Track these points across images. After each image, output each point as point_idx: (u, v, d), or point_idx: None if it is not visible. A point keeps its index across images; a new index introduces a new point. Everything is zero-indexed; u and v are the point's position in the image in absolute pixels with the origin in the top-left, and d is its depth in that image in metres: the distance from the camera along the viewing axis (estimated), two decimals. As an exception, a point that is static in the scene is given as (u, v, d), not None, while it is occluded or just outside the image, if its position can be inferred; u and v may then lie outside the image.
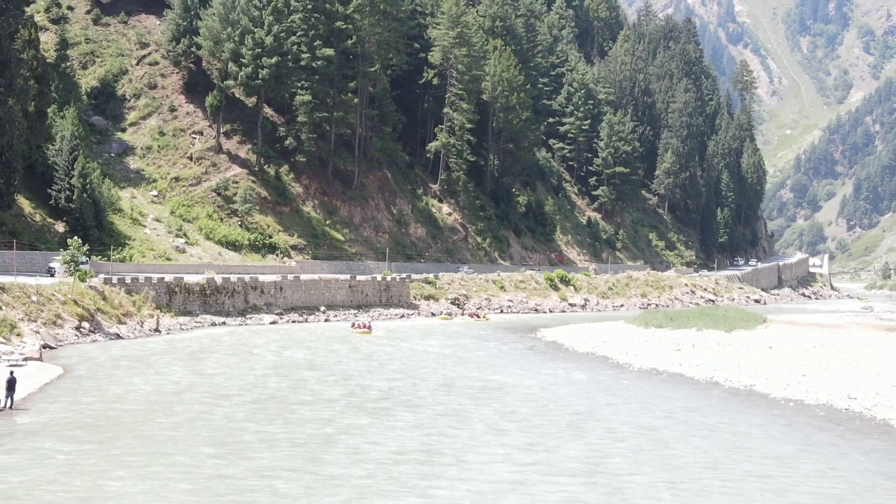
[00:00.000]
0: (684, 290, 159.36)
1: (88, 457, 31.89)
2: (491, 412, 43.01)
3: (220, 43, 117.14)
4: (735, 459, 34.61)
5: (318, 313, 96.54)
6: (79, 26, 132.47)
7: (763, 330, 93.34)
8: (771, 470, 32.98)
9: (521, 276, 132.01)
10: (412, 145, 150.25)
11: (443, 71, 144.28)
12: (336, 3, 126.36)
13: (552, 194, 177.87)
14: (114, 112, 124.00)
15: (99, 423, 37.36)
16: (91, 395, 43.44)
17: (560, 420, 41.60)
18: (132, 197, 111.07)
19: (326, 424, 39.48)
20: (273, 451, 33.98)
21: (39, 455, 31.70)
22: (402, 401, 46.23)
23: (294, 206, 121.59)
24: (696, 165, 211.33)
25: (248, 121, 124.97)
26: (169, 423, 38.35)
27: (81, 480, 28.90)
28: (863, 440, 38.15)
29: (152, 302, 79.86)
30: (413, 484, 30.22)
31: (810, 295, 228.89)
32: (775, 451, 36.24)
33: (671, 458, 34.87)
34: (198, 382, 49.41)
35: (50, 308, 65.45)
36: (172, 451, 33.29)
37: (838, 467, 33.61)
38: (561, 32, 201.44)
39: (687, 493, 29.69)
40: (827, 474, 32.62)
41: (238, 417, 40.18)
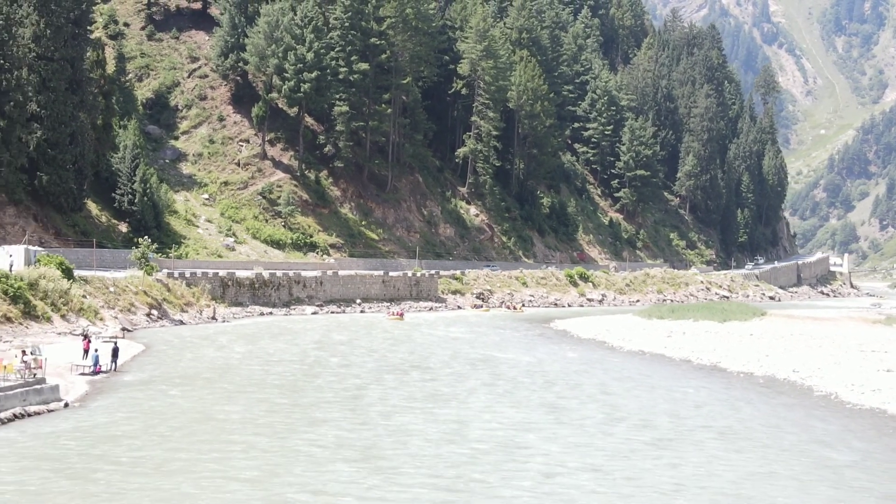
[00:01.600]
0: (699, 286, 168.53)
1: (187, 398, 43.21)
2: (486, 374, 54.22)
3: (265, 58, 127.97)
4: (659, 404, 45.24)
5: (354, 305, 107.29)
6: (134, 41, 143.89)
7: (757, 321, 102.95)
8: (684, 411, 43.42)
9: (542, 273, 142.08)
10: (442, 151, 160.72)
11: (471, 81, 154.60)
12: (371, 20, 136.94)
13: (576, 196, 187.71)
14: (167, 121, 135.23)
15: (186, 378, 48.60)
16: (174, 362, 54.55)
17: (539, 380, 52.80)
18: (185, 200, 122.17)
19: (357, 378, 51.75)
20: (319, 394, 45.89)
21: (150, 396, 42.90)
22: (416, 365, 58.13)
23: (332, 208, 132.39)
24: (717, 168, 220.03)
25: (290, 130, 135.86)
26: (240, 377, 49.97)
27: (188, 409, 40.24)
28: (777, 397, 48.16)
29: (208, 294, 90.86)
30: (420, 408, 42.71)
31: (829, 293, 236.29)
32: (696, 400, 46.81)
33: (611, 402, 46.21)
34: (257, 354, 60.56)
35: (125, 297, 76.60)
36: (247, 393, 44.86)
37: (741, 411, 43.85)
38: (586, 41, 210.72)
39: (614, 420, 40.67)
40: (725, 414, 42.88)
41: (291, 374, 51.65)
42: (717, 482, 30.45)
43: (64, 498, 26.35)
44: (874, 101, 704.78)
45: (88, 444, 32.60)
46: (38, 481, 27.73)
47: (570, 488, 29.37)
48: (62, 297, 67.66)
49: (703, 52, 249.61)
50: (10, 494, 25.96)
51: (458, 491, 28.83)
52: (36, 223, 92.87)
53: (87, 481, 27.84)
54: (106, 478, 28.42)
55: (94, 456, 31.06)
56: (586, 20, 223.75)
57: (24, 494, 26.33)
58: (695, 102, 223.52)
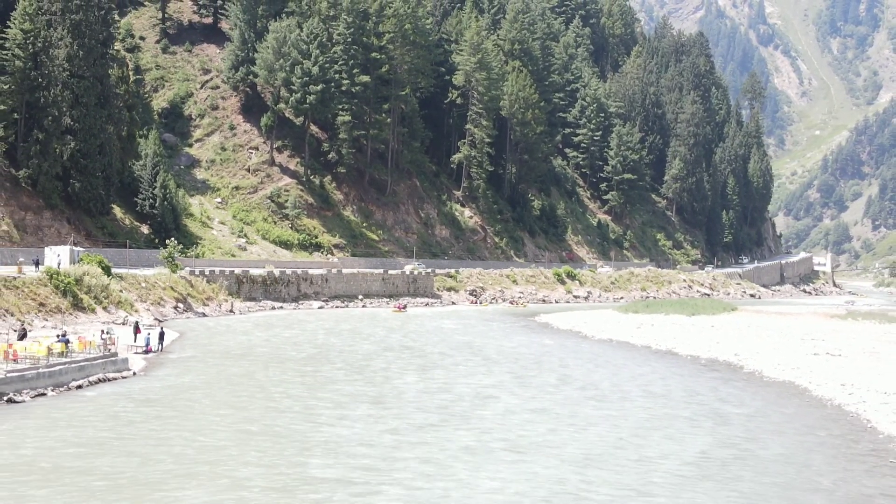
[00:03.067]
0: (682, 285, 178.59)
1: (229, 367, 53.55)
2: (469, 354, 64.70)
3: (273, 72, 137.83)
4: (606, 375, 55.69)
5: (356, 301, 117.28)
6: (150, 54, 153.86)
7: (725, 316, 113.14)
8: (623, 380, 53.67)
9: (531, 272, 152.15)
10: (438, 157, 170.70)
11: (465, 92, 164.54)
12: (372, 35, 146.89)
13: (565, 198, 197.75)
14: (182, 130, 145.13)
15: (223, 355, 59.24)
16: (208, 344, 64.81)
17: (512, 359, 63.46)
18: (200, 203, 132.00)
19: (362, 354, 62.65)
20: (333, 365, 57.12)
21: (198, 367, 53.20)
22: (410, 346, 68.40)
23: (336, 211, 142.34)
24: (703, 171, 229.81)
25: (296, 138, 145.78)
26: (267, 354, 60.79)
27: (233, 374, 50.94)
28: (708, 373, 58.16)
29: (226, 290, 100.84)
30: (414, 374, 54.47)
31: (811, 291, 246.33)
32: (638, 373, 57.26)
33: (567, 373, 56.92)
34: (276, 338, 70.95)
35: (155, 292, 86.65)
36: (277, 364, 55.65)
37: (670, 380, 54.10)
38: (576, 50, 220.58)
39: (565, 384, 51.43)
40: (656, 383, 53.14)
41: (308, 352, 62.30)
42: (630, 420, 41.01)
43: (156, 423, 37.03)
44: (868, 102, 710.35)
45: (167, 395, 43.56)
46: (136, 417, 38.31)
47: (522, 420, 40.56)
48: (103, 292, 77.65)
49: (691, 59, 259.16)
50: (117, 426, 36.15)
51: (444, 420, 40.08)
52: (69, 226, 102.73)
53: (171, 417, 38.32)
54: (185, 412, 39.24)
55: (173, 401, 42.09)
56: (577, 29, 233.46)
57: (127, 425, 36.72)
58: (682, 108, 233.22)
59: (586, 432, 38.16)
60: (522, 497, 27.89)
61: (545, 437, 37.05)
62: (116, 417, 37.98)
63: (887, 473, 31.46)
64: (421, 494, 27.84)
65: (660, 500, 27.90)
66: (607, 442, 36.22)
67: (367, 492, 28.02)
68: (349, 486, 28.43)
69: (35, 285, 70.74)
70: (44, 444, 32.81)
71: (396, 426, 38.28)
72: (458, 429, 38.18)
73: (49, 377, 41.45)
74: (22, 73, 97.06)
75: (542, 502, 27.34)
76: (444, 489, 28.57)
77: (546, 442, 35.99)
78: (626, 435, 37.63)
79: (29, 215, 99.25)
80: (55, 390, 41.31)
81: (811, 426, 40.28)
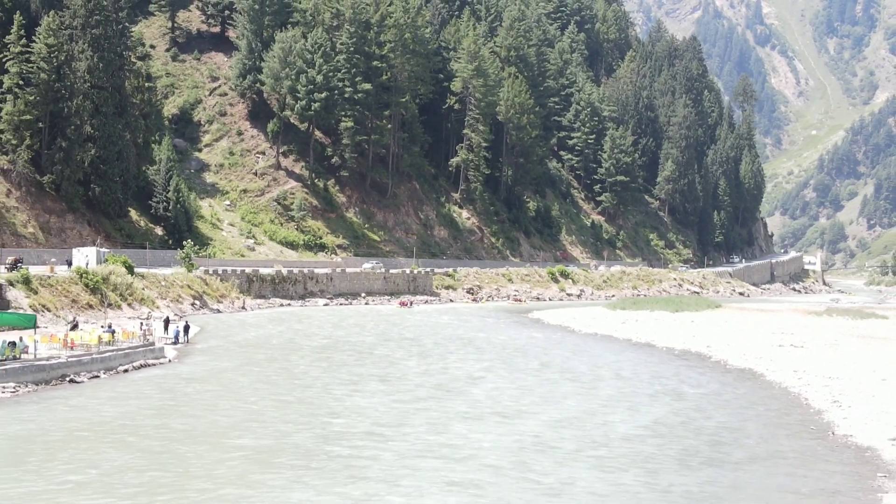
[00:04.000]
0: (672, 283, 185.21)
1: (254, 354, 60.48)
2: (462, 345, 71.58)
3: (279, 80, 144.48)
4: (584, 362, 62.46)
5: (359, 298, 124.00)
6: (160, 62, 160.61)
7: (709, 312, 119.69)
8: (599, 366, 60.24)
9: (526, 271, 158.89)
10: (437, 160, 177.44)
11: (463, 98, 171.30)
12: (374, 45, 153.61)
13: (560, 200, 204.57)
14: (191, 135, 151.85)
15: (245, 346, 66.27)
16: (228, 336, 71.66)
17: (500, 349, 70.34)
18: (209, 206, 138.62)
19: (367, 344, 69.53)
20: (343, 352, 64.03)
21: (225, 355, 59.95)
22: (410, 339, 75.53)
23: (339, 213, 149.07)
24: (695, 173, 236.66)
25: (301, 143, 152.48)
26: (283, 344, 67.77)
27: (259, 359, 57.88)
28: (678, 361, 64.80)
29: (237, 288, 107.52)
30: (415, 359, 60.83)
31: (800, 290, 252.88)
32: (613, 360, 63.95)
33: (548, 360, 63.84)
34: (289, 331, 77.77)
35: (173, 290, 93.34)
36: (294, 352, 62.67)
37: (640, 366, 60.91)
38: (571, 56, 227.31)
39: (545, 369, 58.06)
40: (627, 368, 59.89)
41: (320, 342, 69.40)
42: (599, 395, 47.92)
43: (206, 395, 44.38)
44: (865, 102, 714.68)
45: (206, 375, 50.76)
46: (188, 391, 45.79)
47: (508, 395, 47.70)
48: (128, 289, 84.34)
49: (684, 63, 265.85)
50: (175, 397, 43.71)
51: (443, 394, 47.50)
52: (90, 227, 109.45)
53: (217, 390, 45.50)
54: (227, 387, 46.45)
55: (214, 379, 49.17)
56: (573, 35, 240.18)
57: (183, 396, 44.19)
58: (674, 112, 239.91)
59: (561, 403, 45.04)
60: (508, 445, 35.10)
61: (526, 406, 44.01)
62: (172, 391, 45.34)
63: (805, 438, 38.02)
64: (431, 441, 35.48)
65: (616, 450, 34.74)
66: (578, 410, 43.13)
67: (389, 440, 35.59)
68: (373, 438, 35.89)
69: (67, 283, 77.40)
70: (121, 409, 40.27)
71: (403, 398, 45.53)
72: (454, 400, 45.29)
73: (101, 362, 48.22)
74: (46, 84, 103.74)
75: (523, 450, 34.38)
76: (448, 439, 36.07)
77: (527, 410, 42.97)
78: (595, 406, 44.43)
79: (53, 218, 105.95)
80: (106, 373, 48.08)
81: (754, 402, 46.94)
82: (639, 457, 33.97)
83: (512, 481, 30.15)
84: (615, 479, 30.78)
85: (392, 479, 29.84)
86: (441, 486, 29.34)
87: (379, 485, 29.16)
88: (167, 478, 29.35)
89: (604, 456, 34.00)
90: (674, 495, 28.93)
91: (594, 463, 32.86)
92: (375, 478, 30.00)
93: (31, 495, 26.85)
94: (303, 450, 33.95)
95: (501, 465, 32.12)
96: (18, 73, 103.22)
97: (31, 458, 31.31)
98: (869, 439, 37.11)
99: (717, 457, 34.32)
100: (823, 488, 29.85)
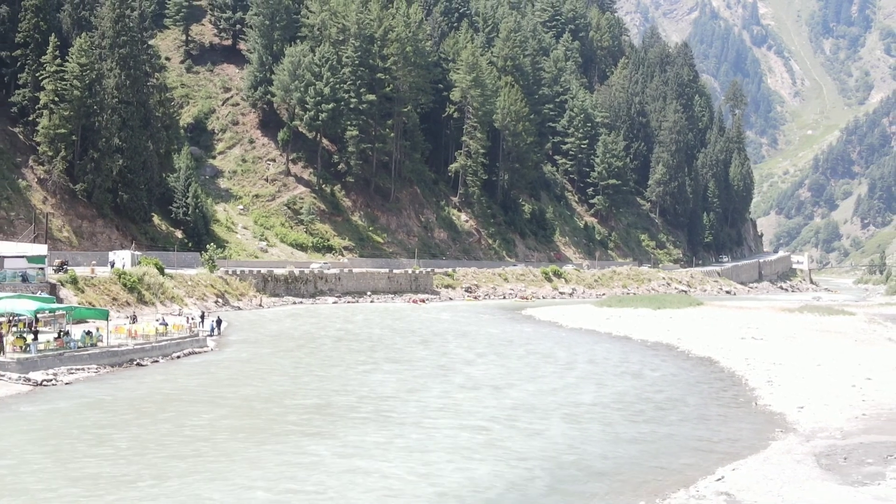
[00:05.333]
0: (661, 282, 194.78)
1: (281, 344, 70.32)
2: (459, 337, 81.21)
3: (289, 92, 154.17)
4: (564, 351, 72.10)
5: (365, 297, 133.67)
6: (175, 73, 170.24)
7: (689, 309, 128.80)
8: (577, 353, 69.67)
9: (521, 271, 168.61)
10: (437, 166, 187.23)
11: (461, 106, 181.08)
12: (377, 58, 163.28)
13: (554, 202, 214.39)
14: (206, 143, 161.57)
15: (272, 337, 75.75)
16: (255, 330, 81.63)
17: (492, 340, 79.99)
18: (224, 210, 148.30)
19: (376, 337, 79.27)
20: (356, 340, 73.94)
21: (257, 346, 69.72)
22: (414, 332, 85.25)
23: (345, 216, 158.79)
24: (685, 175, 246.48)
25: (309, 150, 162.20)
26: (303, 335, 77.55)
27: (290, 346, 67.93)
28: (648, 351, 74.44)
29: (254, 287, 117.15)
30: (419, 347, 69.54)
31: (787, 288, 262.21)
32: (590, 349, 73.55)
33: (533, 349, 73.42)
34: (305, 326, 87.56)
35: (199, 289, 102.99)
36: (314, 343, 72.24)
37: (612, 353, 70.40)
38: (566, 64, 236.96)
39: (530, 355, 66.99)
40: (601, 355, 69.26)
41: (335, 334, 79.18)
42: (573, 375, 57.85)
43: (254, 373, 54.33)
44: (860, 102, 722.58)
45: (251, 358, 61.01)
46: (244, 369, 56.31)
47: (498, 373, 57.83)
48: (160, 289, 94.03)
49: (675, 69, 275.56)
50: (235, 373, 54.13)
51: (445, 373, 57.51)
52: (118, 231, 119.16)
53: (265, 368, 55.50)
54: (272, 367, 56.51)
55: (259, 361, 59.66)
56: (567, 43, 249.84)
57: (240, 373, 54.73)
58: (665, 117, 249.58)
59: (541, 380, 55.27)
60: (499, 406, 45.96)
61: (513, 381, 54.41)
62: (229, 368, 56.23)
63: (732, 407, 47.65)
64: (440, 403, 46.45)
65: (582, 410, 44.91)
66: (554, 385, 53.31)
67: (407, 402, 46.60)
68: (395, 400, 47.07)
69: (108, 283, 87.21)
70: (196, 381, 51.38)
71: (413, 374, 56.34)
72: (455, 376, 55.84)
73: (158, 349, 58.02)
74: (79, 101, 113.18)
75: (511, 409, 45.10)
76: (453, 402, 46.98)
77: (513, 384, 53.40)
78: (568, 382, 54.54)
79: (85, 223, 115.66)
80: (163, 359, 57.82)
81: (701, 382, 56.59)
82: (599, 416, 43.94)
83: (504, 427, 40.62)
84: (581, 427, 41.10)
85: (415, 423, 40.96)
86: (452, 429, 39.93)
87: (406, 427, 39.95)
88: (257, 423, 40.86)
89: (572, 413, 44.21)
90: (622, 439, 38.95)
91: (565, 418, 43.03)
92: (402, 423, 40.82)
93: (173, 434, 38.06)
94: (344, 406, 44.84)
95: (496, 417, 42.67)
96: (54, 90, 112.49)
97: (155, 412, 42.46)
98: (782, 408, 46.77)
99: (657, 416, 44.19)
100: (730, 438, 39.61)
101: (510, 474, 32.96)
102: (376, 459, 34.29)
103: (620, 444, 38.41)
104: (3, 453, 33.79)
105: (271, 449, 35.64)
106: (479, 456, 35.37)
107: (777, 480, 31.51)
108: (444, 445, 36.84)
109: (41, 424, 38.95)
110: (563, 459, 35.36)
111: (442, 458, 34.79)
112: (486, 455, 35.51)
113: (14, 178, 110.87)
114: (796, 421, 43.24)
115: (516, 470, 33.58)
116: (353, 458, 34.33)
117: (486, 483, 31.78)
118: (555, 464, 34.62)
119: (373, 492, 30.25)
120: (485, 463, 34.33)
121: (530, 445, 37.39)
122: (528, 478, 32.67)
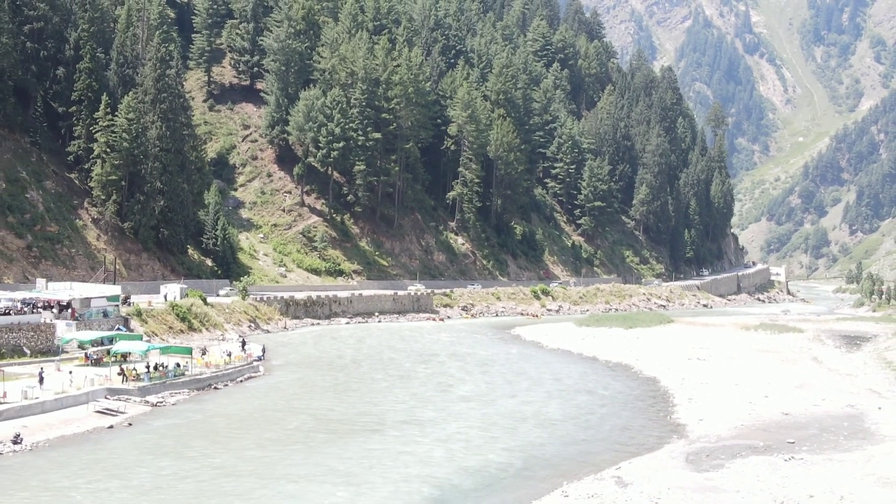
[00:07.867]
0: (641, 297, 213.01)
1: (320, 368, 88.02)
2: (450, 356, 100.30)
3: (303, 132, 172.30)
4: (534, 369, 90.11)
5: (374, 317, 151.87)
6: (198, 111, 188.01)
7: (658, 328, 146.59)
8: (545, 372, 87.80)
9: (512, 290, 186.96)
10: (436, 194, 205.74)
11: (458, 140, 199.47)
12: (382, 100, 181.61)
13: (544, 223, 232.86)
14: (228, 176, 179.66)
15: (311, 359, 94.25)
16: (293, 354, 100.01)
17: (480, 361, 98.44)
18: (246, 238, 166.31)
19: (386, 358, 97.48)
20: (373, 364, 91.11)
21: (301, 368, 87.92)
22: (418, 353, 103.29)
23: (354, 243, 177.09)
24: (668, 195, 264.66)
25: (322, 183, 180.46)
26: (331, 358, 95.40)
27: (333, 365, 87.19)
28: (606, 370, 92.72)
29: (279, 311, 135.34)
30: (419, 364, 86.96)
31: (764, 299, 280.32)
32: (556, 368, 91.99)
33: (513, 368, 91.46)
34: (329, 348, 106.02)
35: (235, 315, 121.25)
36: (342, 365, 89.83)
37: (574, 371, 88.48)
38: (555, 93, 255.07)
39: (512, 375, 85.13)
40: (562, 372, 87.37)
41: (354, 357, 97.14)
42: (539, 391, 76.34)
43: (323, 390, 73.17)
44: (850, 109, 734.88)
45: (304, 379, 79.17)
46: (309, 387, 75.59)
47: (482, 389, 75.98)
48: (205, 317, 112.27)
49: (660, 93, 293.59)
50: (302, 391, 72.66)
51: (444, 388, 76.33)
52: (160, 263, 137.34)
53: (324, 386, 73.51)
54: (330, 385, 75.33)
55: (312, 381, 78.07)
56: (556, 72, 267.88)
57: (308, 390, 73.68)
58: (649, 140, 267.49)
59: (518, 396, 74.65)
60: (485, 412, 65.95)
61: (496, 396, 74.08)
62: (288, 389, 75.43)
63: (650, 419, 66.11)
64: (448, 411, 66.53)
65: (545, 419, 63.51)
66: (523, 399, 73.00)
67: (427, 409, 66.24)
68: (417, 407, 66.91)
69: (164, 314, 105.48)
70: (270, 399, 70.63)
71: (420, 390, 75.97)
72: (452, 389, 76.23)
73: (226, 376, 76.29)
74: (127, 151, 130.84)
75: (498, 416, 65.30)
76: (457, 410, 67.02)
77: (496, 399, 72.69)
78: (538, 398, 73.52)
79: (132, 256, 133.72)
80: (231, 383, 75.95)
81: (639, 399, 75.14)
82: (557, 424, 63.08)
83: (493, 429, 61.12)
84: (546, 431, 61.18)
85: (434, 424, 61.66)
86: (461, 429, 60.18)
87: (426, 427, 60.45)
88: (329, 426, 60.36)
89: (540, 422, 64.05)
90: (568, 441, 58.39)
91: (535, 425, 62.88)
92: (427, 419, 61.94)
93: (278, 435, 57.74)
94: (382, 413, 66.03)
95: (487, 422, 62.93)
96: (105, 141, 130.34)
97: (258, 420, 62.16)
98: (687, 420, 65.23)
99: (596, 425, 63.54)
100: (640, 442, 58.32)
101: (499, 459, 52.81)
102: (419, 445, 54.79)
103: (567, 444, 57.09)
104: (182, 449, 53.47)
105: (347, 441, 55.77)
106: (480, 447, 55.24)
107: (653, 469, 50.02)
108: (457, 439, 57.04)
109: (180, 432, 57.98)
110: (531, 453, 54.50)
111: (458, 447, 55.38)
112: (485, 447, 55.29)
113: (73, 219, 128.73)
114: (692, 430, 61.72)
115: (501, 458, 53.19)
116: (401, 446, 54.34)
117: (486, 464, 51.50)
118: (526, 454, 54.02)
119: (420, 464, 50.11)
120: (483, 452, 54.18)
121: (511, 444, 56.36)
122: (508, 463, 51.93)
